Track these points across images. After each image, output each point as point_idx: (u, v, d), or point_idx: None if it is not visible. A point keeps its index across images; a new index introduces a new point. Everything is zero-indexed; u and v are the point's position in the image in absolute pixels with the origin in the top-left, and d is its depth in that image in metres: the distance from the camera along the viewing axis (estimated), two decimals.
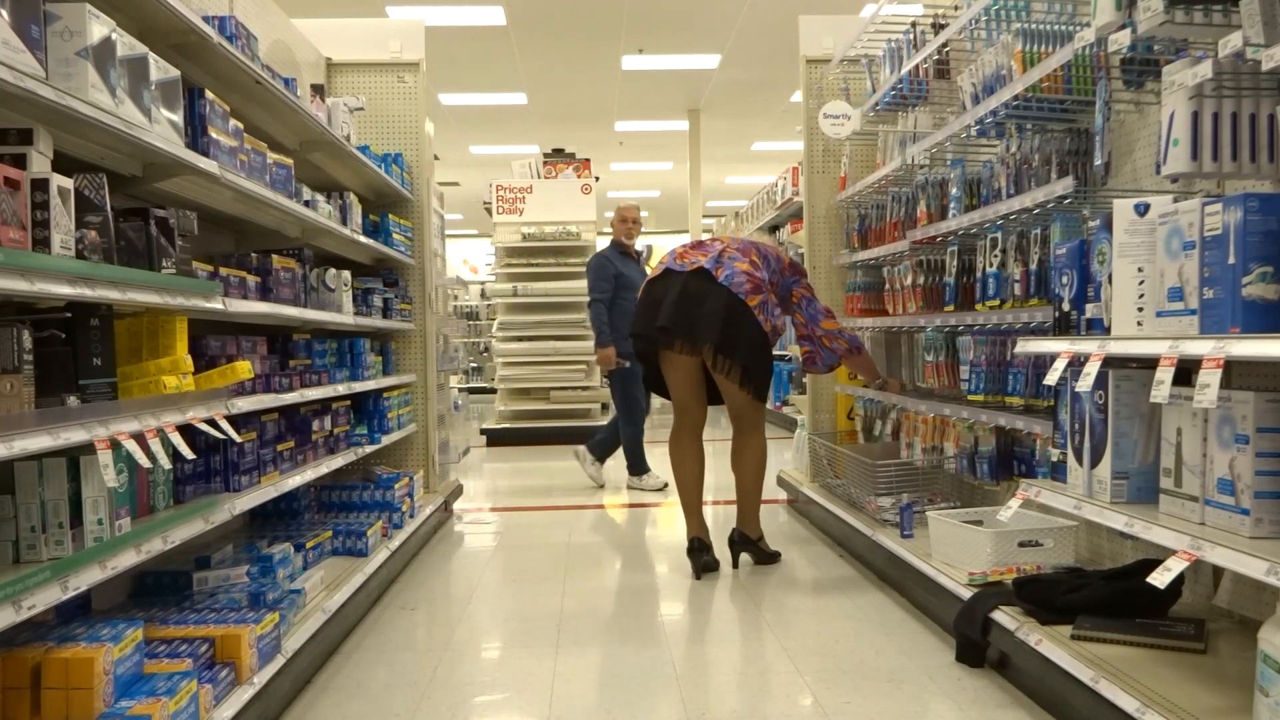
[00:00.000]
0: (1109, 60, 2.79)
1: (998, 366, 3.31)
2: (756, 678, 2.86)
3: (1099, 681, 2.17)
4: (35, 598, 1.72)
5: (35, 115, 1.93)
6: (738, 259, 3.90)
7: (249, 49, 2.99)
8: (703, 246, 4.02)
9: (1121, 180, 2.97)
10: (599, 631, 3.36)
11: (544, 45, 9.69)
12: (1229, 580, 2.61)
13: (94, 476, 1.98)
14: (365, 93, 5.12)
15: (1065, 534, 3.07)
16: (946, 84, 4.14)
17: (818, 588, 3.91)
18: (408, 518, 4.36)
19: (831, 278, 5.22)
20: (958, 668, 2.86)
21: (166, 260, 2.33)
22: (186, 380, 2.35)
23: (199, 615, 2.47)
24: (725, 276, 3.84)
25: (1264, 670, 1.83)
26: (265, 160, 3.06)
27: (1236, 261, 1.88)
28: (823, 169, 5.29)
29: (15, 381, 1.81)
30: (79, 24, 1.95)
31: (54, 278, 1.80)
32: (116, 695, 1.95)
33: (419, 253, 5.21)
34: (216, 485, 2.69)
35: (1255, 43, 1.86)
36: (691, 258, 3.94)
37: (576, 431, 9.23)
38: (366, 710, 2.66)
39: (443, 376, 5.63)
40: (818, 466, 5.14)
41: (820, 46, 5.25)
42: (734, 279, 3.84)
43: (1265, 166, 2.12)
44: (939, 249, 3.88)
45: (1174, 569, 1.94)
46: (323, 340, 3.90)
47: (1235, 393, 2.00)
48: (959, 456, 3.67)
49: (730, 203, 18.12)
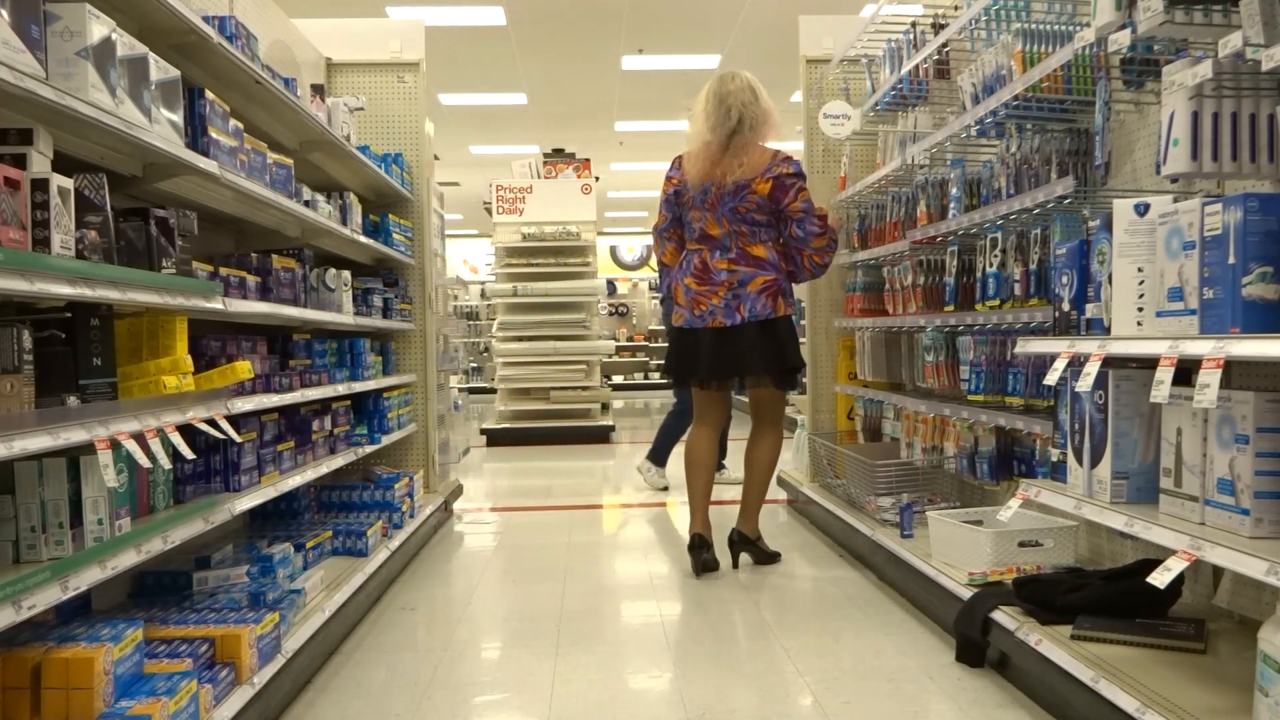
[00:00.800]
0: (1109, 60, 2.79)
1: (998, 366, 3.31)
2: (756, 678, 2.86)
3: (1099, 681, 2.17)
4: (35, 598, 1.72)
5: (35, 115, 1.93)
6: (751, 276, 3.88)
7: (249, 49, 2.99)
8: (710, 278, 3.92)
9: (1121, 180, 2.97)
10: (599, 631, 3.36)
11: (544, 45, 9.68)
12: (1229, 580, 2.61)
13: (94, 476, 1.98)
14: (365, 93, 5.12)
15: (1065, 534, 3.07)
16: (946, 84, 4.14)
17: (818, 588, 3.91)
18: (408, 518, 4.36)
19: (831, 278, 5.22)
20: (958, 668, 2.86)
21: (166, 260, 2.33)
22: (186, 380, 2.35)
23: (199, 615, 2.47)
24: (749, 313, 3.86)
25: (1264, 670, 1.83)
26: (265, 160, 3.06)
27: (1236, 261, 1.88)
28: (823, 169, 5.28)
29: (15, 381, 1.81)
30: (79, 24, 1.95)
31: (54, 278, 1.80)
32: (116, 695, 1.95)
33: (419, 253, 5.21)
34: (216, 485, 2.69)
35: (1255, 43, 1.86)
36: (707, 305, 3.91)
37: (576, 431, 9.25)
38: (366, 710, 2.66)
39: (443, 376, 5.62)
40: (818, 466, 5.14)
41: (820, 46, 5.25)
42: (755, 307, 3.85)
43: (1265, 166, 2.12)
44: (939, 249, 3.88)
45: (1174, 569, 1.94)
46: (323, 340, 3.90)
47: (1235, 393, 2.00)
48: (959, 456, 3.67)
49: None
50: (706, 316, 3.90)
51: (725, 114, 3.94)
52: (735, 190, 3.88)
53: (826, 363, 5.25)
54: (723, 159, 3.92)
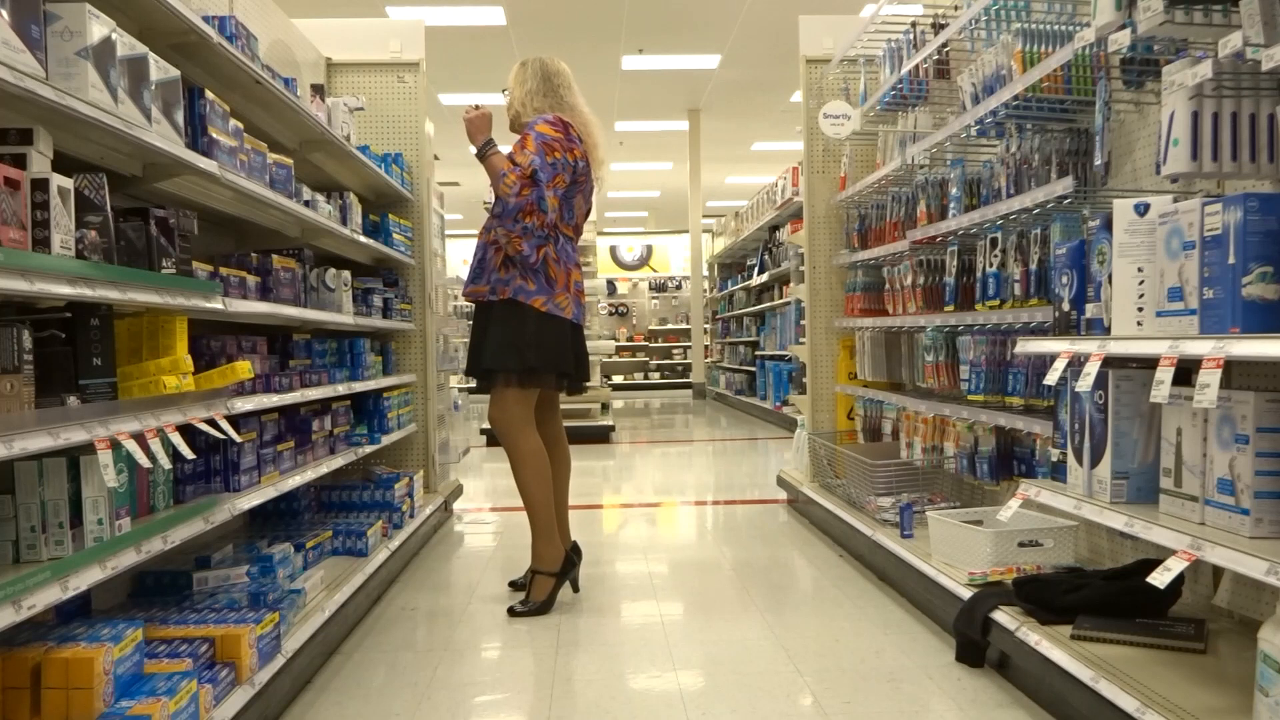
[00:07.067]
0: (1109, 60, 2.79)
1: (998, 366, 3.31)
2: (756, 678, 2.86)
3: (1099, 681, 2.17)
4: (35, 598, 1.72)
5: (35, 115, 1.92)
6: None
7: (249, 49, 2.99)
8: (579, 273, 3.69)
9: (1121, 180, 2.97)
10: (599, 631, 3.36)
11: (544, 45, 9.68)
12: (1229, 580, 2.61)
13: (94, 476, 1.98)
14: (365, 93, 5.12)
15: (1065, 534, 3.07)
16: (946, 84, 4.14)
17: (818, 588, 3.91)
18: (408, 518, 4.36)
19: (831, 278, 5.22)
20: (958, 668, 2.86)
21: (166, 260, 2.33)
22: (186, 380, 2.34)
23: (199, 615, 2.47)
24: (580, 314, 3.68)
25: (1264, 670, 1.83)
26: (265, 160, 3.06)
27: (1236, 261, 1.88)
28: (823, 169, 5.28)
29: (15, 381, 1.81)
30: (79, 24, 1.95)
31: (54, 278, 1.80)
32: (116, 695, 1.95)
33: (419, 253, 5.21)
34: (216, 485, 2.69)
35: (1255, 43, 1.86)
36: (581, 302, 3.69)
37: (576, 431, 9.22)
38: (366, 710, 2.66)
39: (443, 376, 5.62)
40: (818, 466, 5.14)
41: (820, 46, 5.25)
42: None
43: (1265, 166, 2.12)
44: (939, 249, 3.89)
45: (1174, 569, 1.94)
46: (323, 340, 3.90)
47: (1235, 393, 2.00)
48: (959, 456, 3.67)
49: (730, 203, 18.14)
50: (581, 315, 3.70)
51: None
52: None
53: (826, 363, 5.24)
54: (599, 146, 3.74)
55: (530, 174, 3.46)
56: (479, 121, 3.61)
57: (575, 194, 3.64)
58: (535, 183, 3.46)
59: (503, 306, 3.52)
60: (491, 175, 3.54)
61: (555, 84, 3.69)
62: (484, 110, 3.64)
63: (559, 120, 3.59)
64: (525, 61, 3.77)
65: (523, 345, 3.50)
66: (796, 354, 6.08)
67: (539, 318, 3.51)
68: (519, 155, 3.49)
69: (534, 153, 3.48)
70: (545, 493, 3.63)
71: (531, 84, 3.68)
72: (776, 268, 11.09)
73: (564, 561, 3.64)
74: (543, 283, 3.52)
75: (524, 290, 3.50)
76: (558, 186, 3.53)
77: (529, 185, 3.46)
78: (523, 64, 3.76)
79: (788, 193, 9.80)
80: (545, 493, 3.63)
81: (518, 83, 3.72)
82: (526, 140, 3.52)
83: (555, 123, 3.57)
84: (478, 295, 3.58)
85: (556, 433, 3.83)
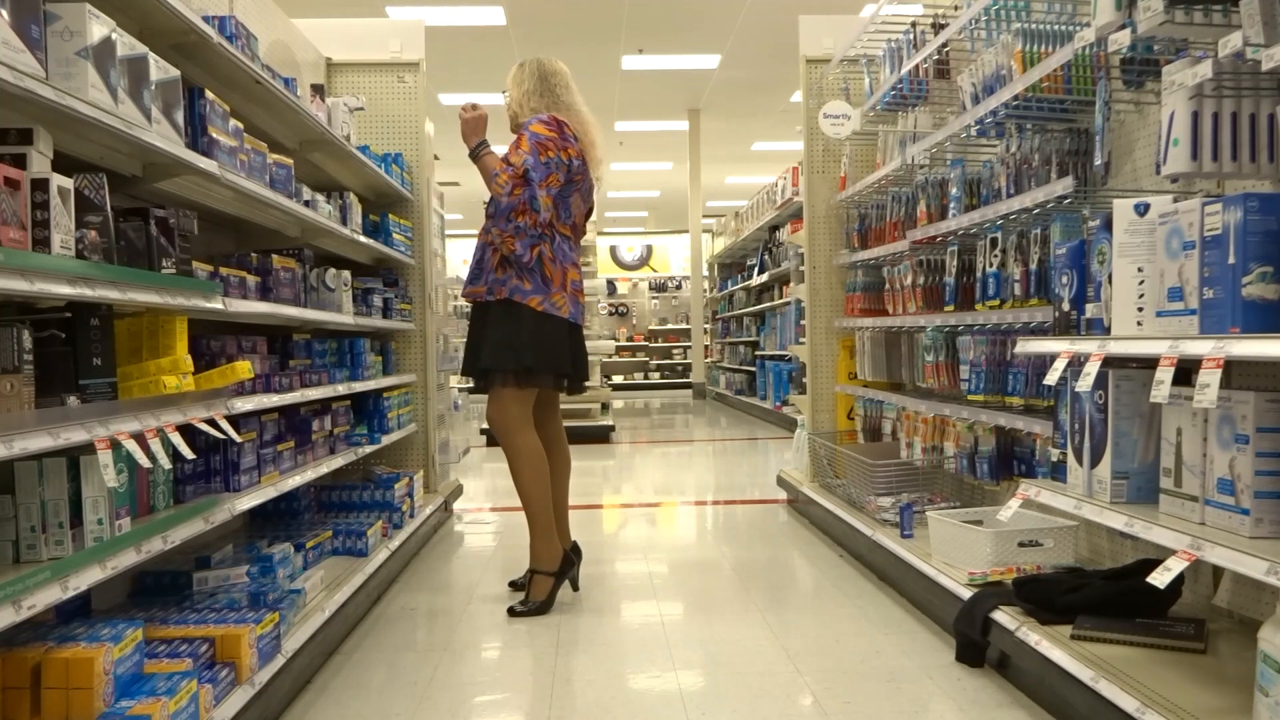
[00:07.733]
0: (1109, 60, 2.79)
1: (998, 366, 3.31)
2: (756, 678, 2.86)
3: (1099, 681, 2.17)
4: (35, 598, 1.72)
5: (35, 115, 1.92)
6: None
7: (249, 49, 2.99)
8: (579, 273, 3.69)
9: (1121, 180, 2.97)
10: (598, 631, 3.36)
11: (544, 45, 9.68)
12: (1229, 580, 2.61)
13: (94, 476, 1.98)
14: (365, 93, 5.12)
15: (1065, 534, 3.07)
16: (946, 84, 4.14)
17: (818, 588, 3.91)
18: (408, 518, 4.36)
19: (831, 278, 5.22)
20: (958, 668, 2.86)
21: (166, 260, 2.33)
22: (186, 380, 2.34)
23: (199, 615, 2.47)
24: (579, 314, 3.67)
25: (1264, 670, 1.83)
26: (265, 160, 3.06)
27: (1236, 261, 1.88)
28: (823, 169, 5.29)
29: (15, 381, 1.81)
30: (79, 24, 1.95)
31: (54, 278, 1.80)
32: (116, 695, 1.95)
33: (419, 253, 5.21)
34: (216, 485, 2.69)
35: (1255, 43, 1.86)
36: (580, 301, 3.68)
37: (576, 431, 9.22)
38: (366, 710, 2.66)
39: (443, 376, 5.63)
40: (818, 466, 5.14)
41: (820, 46, 5.25)
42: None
43: (1265, 166, 2.12)
44: (939, 249, 3.89)
45: (1174, 569, 1.94)
46: (323, 340, 3.90)
47: (1235, 393, 2.00)
48: (959, 456, 3.67)
49: (730, 203, 18.14)
50: (579, 314, 3.67)
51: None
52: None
53: (826, 363, 5.25)
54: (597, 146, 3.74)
55: (523, 173, 3.46)
56: (474, 123, 3.62)
57: (572, 193, 3.63)
58: (527, 182, 3.46)
59: (499, 306, 3.53)
60: (485, 175, 3.55)
61: (552, 84, 3.69)
62: (481, 111, 3.64)
63: (553, 119, 3.59)
64: (523, 63, 3.78)
65: (519, 345, 3.49)
66: (796, 354, 6.08)
67: (535, 317, 3.50)
68: (513, 155, 3.50)
69: (528, 152, 3.49)
70: (543, 492, 3.62)
71: (529, 84, 3.69)
72: (776, 268, 11.09)
73: (563, 561, 3.64)
74: (539, 282, 3.51)
75: (520, 290, 3.50)
76: (551, 186, 3.52)
77: (521, 184, 3.46)
78: (521, 65, 3.77)
79: (788, 193, 9.80)
80: (543, 492, 3.62)
81: (515, 84, 3.73)
82: (521, 140, 3.53)
83: (549, 122, 3.58)
84: (475, 295, 3.59)
85: (556, 432, 3.83)
